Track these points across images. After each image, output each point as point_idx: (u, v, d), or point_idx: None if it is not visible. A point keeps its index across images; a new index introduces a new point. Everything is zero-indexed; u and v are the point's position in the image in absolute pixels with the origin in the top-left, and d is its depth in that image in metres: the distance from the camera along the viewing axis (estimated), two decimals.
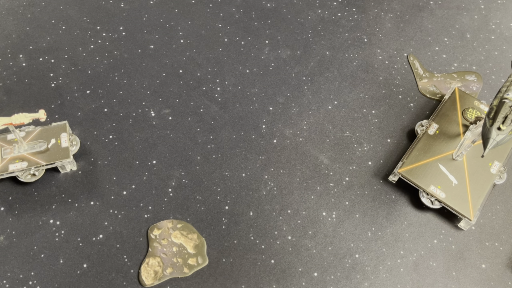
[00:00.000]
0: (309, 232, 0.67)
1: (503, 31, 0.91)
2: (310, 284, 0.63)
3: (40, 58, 0.82)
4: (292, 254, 0.65)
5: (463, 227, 0.68)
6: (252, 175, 0.71)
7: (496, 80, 0.84)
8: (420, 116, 0.79)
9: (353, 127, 0.77)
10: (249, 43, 0.86)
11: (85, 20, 0.88)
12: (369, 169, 0.73)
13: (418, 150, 0.71)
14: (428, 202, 0.68)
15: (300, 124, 0.77)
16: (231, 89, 0.80)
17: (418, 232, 0.68)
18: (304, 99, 0.80)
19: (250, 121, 0.77)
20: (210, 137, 0.75)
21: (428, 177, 0.68)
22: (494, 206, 0.71)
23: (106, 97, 0.78)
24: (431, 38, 0.89)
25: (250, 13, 0.91)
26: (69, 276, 0.62)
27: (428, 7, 0.94)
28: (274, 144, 0.75)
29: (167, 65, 0.83)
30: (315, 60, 0.85)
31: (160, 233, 0.65)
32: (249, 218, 0.68)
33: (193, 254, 0.64)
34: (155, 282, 0.61)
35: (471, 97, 0.77)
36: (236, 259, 0.64)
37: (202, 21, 0.89)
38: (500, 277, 0.65)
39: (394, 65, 0.85)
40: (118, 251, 0.64)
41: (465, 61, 0.86)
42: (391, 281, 0.64)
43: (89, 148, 0.73)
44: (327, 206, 0.69)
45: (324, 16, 0.91)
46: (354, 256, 0.65)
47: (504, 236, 0.68)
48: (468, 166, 0.69)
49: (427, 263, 0.65)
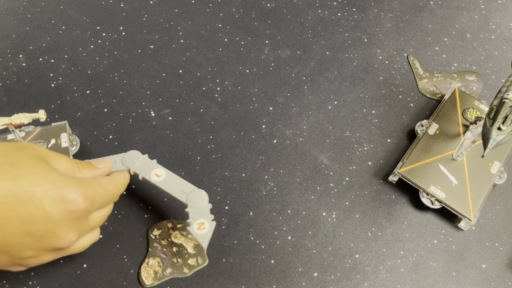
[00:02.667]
0: (309, 232, 0.67)
1: (503, 31, 0.91)
2: (310, 284, 0.63)
3: (40, 58, 0.82)
4: (292, 254, 0.65)
5: (463, 227, 0.68)
6: (252, 175, 0.71)
7: (496, 80, 0.84)
8: (420, 116, 0.79)
9: (353, 127, 0.77)
10: (249, 43, 0.86)
11: (85, 20, 0.88)
12: (369, 169, 0.73)
13: (418, 150, 0.71)
14: (428, 202, 0.68)
15: (300, 124, 0.77)
16: (231, 89, 0.80)
17: (418, 232, 0.68)
18: (304, 99, 0.80)
19: (250, 121, 0.77)
20: (210, 137, 0.75)
21: (428, 177, 0.68)
22: (494, 206, 0.70)
23: (106, 97, 0.78)
24: (431, 38, 0.89)
25: (250, 13, 0.91)
26: (69, 276, 0.62)
27: (428, 7, 0.94)
28: (274, 144, 0.75)
29: (167, 65, 0.83)
30: (315, 60, 0.85)
31: (160, 233, 0.65)
32: (249, 218, 0.68)
33: (193, 254, 0.64)
34: (155, 282, 0.61)
35: (471, 97, 0.77)
36: (236, 259, 0.64)
37: (202, 21, 0.89)
38: (500, 277, 0.65)
39: (394, 65, 0.85)
40: (118, 251, 0.64)
41: (465, 61, 0.86)
42: (391, 281, 0.64)
43: (89, 148, 0.72)
44: (327, 206, 0.69)
45: (324, 16, 0.91)
46: (354, 256, 0.65)
47: (504, 236, 0.68)
48: (468, 166, 0.69)
49: (427, 263, 0.65)
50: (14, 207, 0.46)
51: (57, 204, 0.48)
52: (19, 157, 0.49)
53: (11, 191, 0.45)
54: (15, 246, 0.48)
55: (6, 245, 0.47)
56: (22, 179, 0.46)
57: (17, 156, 0.48)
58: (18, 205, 0.46)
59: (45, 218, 0.47)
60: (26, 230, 0.47)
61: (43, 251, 0.50)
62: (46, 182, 0.48)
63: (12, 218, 0.46)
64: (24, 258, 0.49)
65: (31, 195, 0.46)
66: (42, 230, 0.48)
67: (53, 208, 0.47)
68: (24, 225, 0.47)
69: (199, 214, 0.60)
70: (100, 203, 0.54)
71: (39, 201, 0.47)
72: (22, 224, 0.46)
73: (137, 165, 0.63)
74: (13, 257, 0.49)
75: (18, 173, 0.47)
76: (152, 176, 0.63)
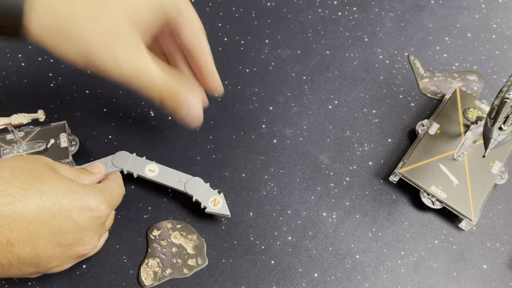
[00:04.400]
0: (309, 233, 0.67)
1: (504, 30, 0.91)
2: (310, 285, 0.63)
3: (39, 58, 0.81)
4: (292, 254, 0.65)
5: (464, 228, 0.68)
6: (252, 175, 0.71)
7: (497, 79, 0.84)
8: (421, 116, 0.79)
9: (353, 127, 0.77)
10: (249, 42, 0.86)
11: None
12: (369, 169, 0.73)
13: (419, 150, 0.70)
14: (429, 202, 0.67)
15: (300, 124, 0.77)
16: (231, 88, 0.80)
17: (419, 233, 0.68)
18: (304, 98, 0.80)
19: (250, 121, 0.77)
20: (210, 137, 0.75)
21: (429, 177, 0.68)
22: (495, 206, 0.70)
23: (105, 97, 0.78)
24: (432, 37, 0.89)
25: (250, 12, 0.90)
26: (69, 276, 0.62)
27: (429, 6, 0.94)
28: (274, 144, 0.74)
29: None
30: (315, 59, 0.85)
31: (160, 234, 0.65)
32: (249, 219, 0.67)
33: (192, 255, 0.64)
34: (155, 282, 0.61)
35: (472, 96, 0.77)
36: (236, 259, 0.64)
37: (202, 20, 0.88)
38: (501, 278, 0.64)
39: (395, 65, 0.85)
40: (117, 251, 0.64)
41: (466, 61, 0.86)
42: (392, 281, 0.63)
43: (89, 148, 0.72)
44: (327, 206, 0.69)
45: (325, 15, 0.91)
46: (355, 256, 0.65)
47: (505, 236, 0.68)
48: (469, 166, 0.69)
49: (428, 264, 0.65)
50: (45, 221, 0.47)
51: (83, 212, 0.50)
52: (39, 171, 0.50)
53: (41, 205, 0.47)
54: (44, 258, 0.49)
55: (36, 258, 0.49)
56: (49, 193, 0.48)
57: (37, 171, 0.50)
58: (48, 218, 0.48)
59: (74, 227, 0.50)
60: (56, 241, 0.49)
61: (68, 259, 0.52)
62: (71, 192, 0.50)
63: (43, 232, 0.47)
64: (50, 268, 0.51)
65: (59, 207, 0.48)
66: (71, 238, 0.50)
67: (81, 217, 0.50)
68: (54, 236, 0.48)
69: (206, 195, 0.64)
70: (114, 205, 0.57)
71: (67, 212, 0.49)
72: (52, 236, 0.48)
73: (128, 164, 0.65)
74: (40, 267, 0.50)
75: (44, 187, 0.48)
76: (147, 172, 0.65)
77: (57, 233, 0.48)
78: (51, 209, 0.48)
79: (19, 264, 0.48)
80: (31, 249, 0.47)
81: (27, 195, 0.47)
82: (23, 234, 0.46)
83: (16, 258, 0.47)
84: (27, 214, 0.46)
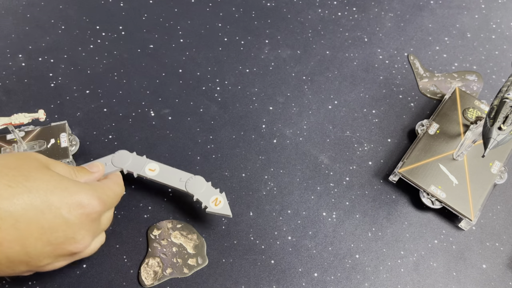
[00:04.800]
0: (309, 233, 0.67)
1: (503, 30, 0.91)
2: (310, 284, 0.63)
3: (39, 58, 0.82)
4: (292, 254, 0.65)
5: (463, 227, 0.68)
6: (252, 175, 0.71)
7: (496, 79, 0.84)
8: (421, 115, 0.79)
9: (353, 127, 0.77)
10: (249, 42, 0.86)
11: (85, 19, 0.88)
12: (369, 169, 0.73)
13: (418, 150, 0.70)
14: (429, 202, 0.67)
15: (300, 124, 0.77)
16: (231, 88, 0.80)
17: (419, 232, 0.68)
18: (304, 98, 0.80)
19: (250, 121, 0.77)
20: (210, 137, 0.75)
21: (428, 177, 0.68)
22: (495, 206, 0.70)
23: (106, 97, 0.78)
24: (432, 37, 0.89)
25: (250, 13, 0.91)
26: (69, 276, 0.62)
27: (428, 7, 0.94)
28: (274, 144, 0.75)
29: (166, 65, 0.82)
30: (315, 59, 0.85)
31: (160, 233, 0.65)
32: (249, 218, 0.67)
33: (193, 255, 0.64)
34: (155, 282, 0.61)
35: (472, 96, 0.77)
36: (236, 259, 0.64)
37: (202, 21, 0.89)
38: (501, 277, 0.65)
39: (395, 65, 0.85)
40: (117, 251, 0.64)
41: (465, 61, 0.86)
42: (392, 281, 0.64)
43: (89, 148, 0.72)
44: (327, 206, 0.69)
45: (324, 15, 0.91)
46: (355, 256, 0.65)
47: (505, 236, 0.68)
48: (468, 166, 0.69)
49: (427, 264, 0.65)
50: (33, 219, 0.46)
51: (74, 209, 0.49)
52: (28, 168, 0.49)
53: (28, 203, 0.46)
54: (35, 256, 0.48)
55: (26, 256, 0.48)
56: (37, 190, 0.47)
57: (26, 168, 0.49)
58: (37, 216, 0.46)
59: (64, 225, 0.48)
60: (46, 239, 0.48)
61: (60, 257, 0.51)
62: (60, 189, 0.49)
63: (32, 230, 0.46)
64: (41, 266, 0.50)
65: (48, 204, 0.47)
66: (62, 237, 0.49)
67: (71, 214, 0.49)
68: (44, 234, 0.47)
69: (207, 194, 0.63)
70: (109, 204, 0.55)
71: (56, 209, 0.48)
72: (41, 234, 0.47)
73: (128, 164, 0.64)
74: (31, 266, 0.50)
75: (32, 184, 0.47)
76: (147, 171, 0.64)
77: (46, 231, 0.47)
78: (40, 207, 0.46)
79: (9, 263, 0.47)
80: (20, 248, 0.46)
81: (14, 192, 0.46)
82: (11, 233, 0.45)
83: (5, 257, 0.46)
84: (14, 212, 0.45)
